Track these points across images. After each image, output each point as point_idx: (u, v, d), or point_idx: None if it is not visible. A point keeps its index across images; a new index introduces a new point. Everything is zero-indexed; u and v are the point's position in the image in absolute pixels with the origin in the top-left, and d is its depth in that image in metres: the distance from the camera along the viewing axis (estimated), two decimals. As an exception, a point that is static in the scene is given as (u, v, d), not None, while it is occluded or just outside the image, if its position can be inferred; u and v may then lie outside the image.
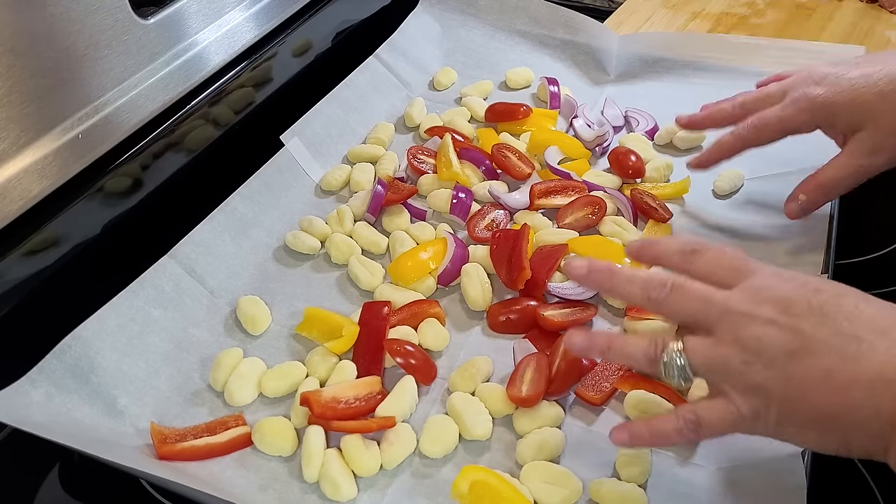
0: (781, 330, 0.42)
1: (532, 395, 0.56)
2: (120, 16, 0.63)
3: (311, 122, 0.80)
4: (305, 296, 0.67)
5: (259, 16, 0.79)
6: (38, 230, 0.61)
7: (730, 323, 0.44)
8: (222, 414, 0.58)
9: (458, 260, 0.67)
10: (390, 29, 0.93)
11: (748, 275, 0.45)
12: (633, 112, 0.86)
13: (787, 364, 0.42)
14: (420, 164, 0.79)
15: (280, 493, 0.53)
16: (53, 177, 0.61)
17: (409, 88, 0.91)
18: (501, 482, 0.51)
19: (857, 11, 1.04)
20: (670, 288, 0.47)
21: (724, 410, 0.44)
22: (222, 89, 0.76)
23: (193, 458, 0.54)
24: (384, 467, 0.54)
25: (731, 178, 0.75)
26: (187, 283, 0.65)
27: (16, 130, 0.58)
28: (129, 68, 0.66)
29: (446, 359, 0.62)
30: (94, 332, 0.58)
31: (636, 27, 1.03)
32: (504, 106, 0.85)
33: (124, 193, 0.68)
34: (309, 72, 0.88)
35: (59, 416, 0.54)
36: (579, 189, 0.75)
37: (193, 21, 0.71)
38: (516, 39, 0.96)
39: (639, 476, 0.52)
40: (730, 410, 0.44)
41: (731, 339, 0.43)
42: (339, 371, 0.59)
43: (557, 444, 0.54)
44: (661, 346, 0.46)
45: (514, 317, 0.64)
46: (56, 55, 0.59)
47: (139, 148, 0.68)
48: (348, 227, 0.72)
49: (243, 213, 0.71)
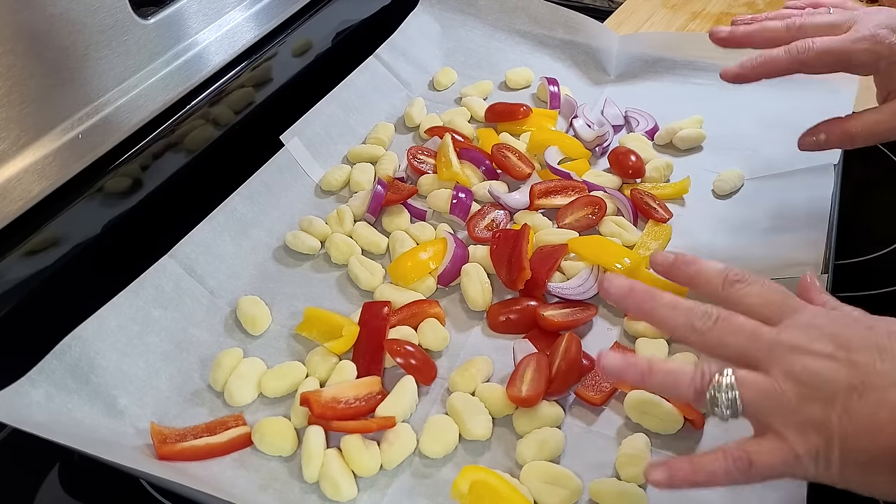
0: (840, 364, 0.39)
1: (532, 395, 0.56)
2: (120, 16, 0.63)
3: (311, 122, 0.80)
4: (305, 296, 0.67)
5: (259, 16, 0.79)
6: (38, 230, 0.61)
7: (781, 357, 0.40)
8: (222, 414, 0.58)
9: (458, 260, 0.67)
10: (390, 29, 0.93)
11: (794, 310, 0.43)
12: (633, 112, 0.86)
13: (849, 399, 0.38)
14: (420, 164, 0.79)
15: (280, 493, 0.53)
16: (53, 177, 0.61)
17: (409, 88, 0.91)
18: (501, 482, 0.51)
19: (857, 11, 1.03)
20: (716, 319, 0.43)
21: (779, 450, 0.40)
22: (222, 89, 0.76)
23: (193, 459, 0.54)
24: (384, 467, 0.54)
25: (731, 178, 0.75)
26: (187, 283, 0.65)
27: (16, 130, 0.58)
28: (129, 68, 0.66)
29: (446, 359, 0.62)
30: (94, 333, 0.58)
31: (636, 27, 1.03)
32: (504, 106, 0.85)
33: (124, 193, 0.68)
34: (309, 72, 0.88)
35: (59, 416, 0.54)
36: (579, 189, 0.75)
37: (193, 21, 0.71)
38: (516, 39, 0.96)
39: (639, 476, 0.52)
40: (784, 450, 0.40)
41: (785, 374, 0.40)
42: (339, 371, 0.59)
43: (557, 444, 0.54)
44: (709, 377, 0.42)
45: (514, 317, 0.64)
46: (56, 55, 0.59)
47: (139, 148, 0.68)
48: (348, 227, 0.72)
49: (243, 213, 0.71)
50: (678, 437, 0.55)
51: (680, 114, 0.84)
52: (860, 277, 0.70)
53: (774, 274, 0.62)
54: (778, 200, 0.72)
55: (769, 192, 0.74)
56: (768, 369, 0.41)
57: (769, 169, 0.76)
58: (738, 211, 0.73)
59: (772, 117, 0.82)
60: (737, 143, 0.80)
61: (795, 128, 0.80)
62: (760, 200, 0.74)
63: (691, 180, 0.76)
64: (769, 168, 0.76)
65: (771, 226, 0.70)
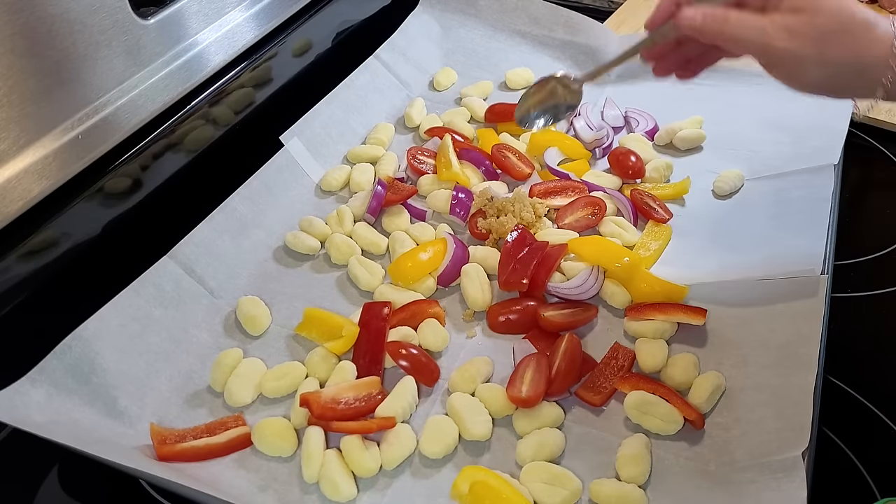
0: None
1: (532, 396, 0.56)
2: (120, 16, 0.63)
3: (311, 122, 0.80)
4: (305, 296, 0.67)
5: (259, 16, 0.79)
6: (38, 230, 0.61)
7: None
8: (222, 414, 0.58)
9: (458, 260, 0.67)
10: (390, 29, 0.93)
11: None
12: (633, 112, 0.86)
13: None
14: (420, 164, 0.79)
15: (280, 494, 0.53)
16: (53, 177, 0.61)
17: (409, 89, 0.91)
18: (501, 482, 0.51)
19: (857, 12, 1.03)
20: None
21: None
22: (222, 89, 0.76)
23: (193, 459, 0.54)
24: (384, 468, 0.54)
25: (731, 178, 0.75)
26: (187, 284, 0.65)
27: (16, 130, 0.58)
28: (129, 68, 0.66)
29: (446, 359, 0.62)
30: (95, 333, 0.58)
31: (636, 27, 1.03)
32: (504, 106, 0.85)
33: (124, 193, 0.68)
34: (309, 72, 0.88)
35: (59, 416, 0.54)
36: (579, 189, 0.75)
37: (193, 21, 0.71)
38: (516, 40, 0.96)
39: (639, 476, 0.52)
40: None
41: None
42: (338, 371, 0.59)
43: (557, 444, 0.54)
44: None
45: (514, 317, 0.64)
46: (56, 55, 0.59)
47: (139, 148, 0.68)
48: (348, 227, 0.72)
49: (243, 213, 0.71)
50: (678, 437, 0.55)
51: (680, 114, 0.84)
52: (860, 277, 0.70)
53: (774, 274, 0.62)
54: (778, 201, 0.72)
55: (769, 192, 0.74)
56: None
57: (769, 169, 0.76)
58: (738, 211, 0.73)
59: (772, 117, 0.82)
60: (737, 143, 0.80)
61: (795, 128, 0.81)
62: (760, 200, 0.73)
63: (691, 180, 0.76)
64: (769, 168, 0.76)
65: (771, 226, 0.70)
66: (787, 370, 0.56)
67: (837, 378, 0.62)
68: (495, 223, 0.70)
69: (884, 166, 0.83)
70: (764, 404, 0.55)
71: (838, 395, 0.61)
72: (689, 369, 0.58)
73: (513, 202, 0.71)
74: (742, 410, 0.55)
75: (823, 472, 0.54)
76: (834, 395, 0.61)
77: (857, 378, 0.62)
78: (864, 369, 0.63)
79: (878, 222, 0.77)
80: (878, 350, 0.64)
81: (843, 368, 0.62)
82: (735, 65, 0.87)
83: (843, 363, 0.62)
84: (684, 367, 0.58)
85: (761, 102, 0.84)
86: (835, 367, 0.61)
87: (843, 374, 0.62)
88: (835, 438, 0.58)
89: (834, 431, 0.58)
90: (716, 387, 0.56)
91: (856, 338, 0.65)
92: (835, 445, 0.58)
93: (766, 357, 0.58)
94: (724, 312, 0.63)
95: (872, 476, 0.56)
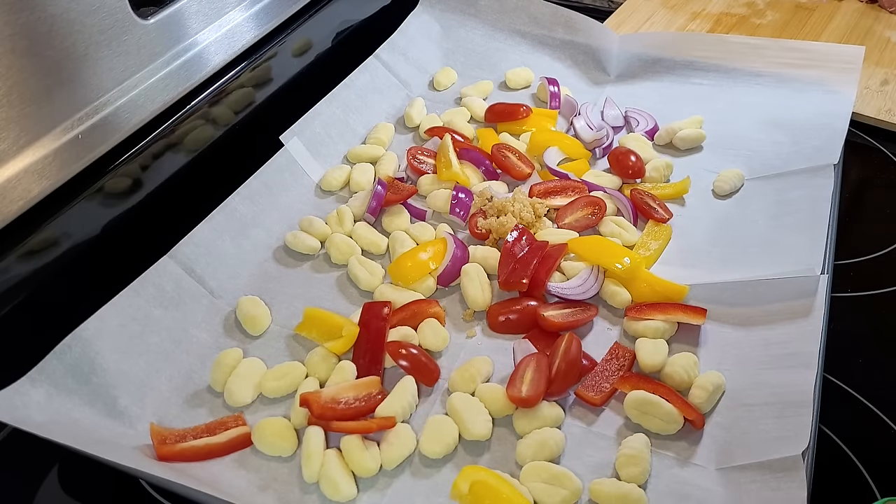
0: None
1: (532, 396, 0.56)
2: (120, 16, 0.63)
3: (311, 122, 0.80)
4: (305, 296, 0.67)
5: (259, 16, 0.79)
6: (38, 230, 0.61)
7: None
8: (222, 414, 0.58)
9: (458, 260, 0.67)
10: (390, 29, 0.93)
11: None
12: (633, 112, 0.86)
13: None
14: (420, 164, 0.79)
15: (280, 494, 0.53)
16: (53, 177, 0.61)
17: (408, 88, 0.91)
18: (501, 482, 0.51)
19: (857, 11, 1.04)
20: None
21: None
22: (222, 89, 0.76)
23: (193, 459, 0.54)
24: (384, 467, 0.54)
25: (731, 178, 0.75)
26: (187, 284, 0.65)
27: (16, 130, 0.58)
28: (129, 68, 0.66)
29: (446, 359, 0.62)
30: (95, 332, 0.58)
31: (636, 27, 1.03)
32: (504, 106, 0.85)
33: (124, 193, 0.68)
34: (309, 72, 0.88)
35: (59, 416, 0.54)
36: (579, 189, 0.75)
37: (193, 21, 0.71)
38: (516, 39, 0.96)
39: (639, 476, 0.52)
40: None
41: None
42: (338, 371, 0.59)
43: (557, 444, 0.54)
44: None
45: (514, 317, 0.64)
46: (56, 55, 0.59)
47: (139, 148, 0.68)
48: (348, 227, 0.72)
49: (243, 213, 0.71)
50: (678, 437, 0.55)
51: (680, 114, 0.84)
52: (860, 277, 0.70)
53: (774, 274, 0.62)
54: (778, 200, 0.72)
55: (769, 192, 0.74)
56: None
57: (769, 169, 0.76)
58: (738, 211, 0.73)
59: (772, 117, 0.82)
60: (737, 143, 0.80)
61: (795, 128, 0.81)
62: (760, 200, 0.74)
63: (691, 180, 0.76)
64: (769, 168, 0.76)
65: (771, 226, 0.70)
66: (787, 370, 0.56)
67: (837, 378, 0.62)
68: (495, 223, 0.70)
69: (884, 166, 0.83)
70: (764, 404, 0.55)
71: (838, 395, 0.61)
72: (689, 369, 0.58)
73: (513, 202, 0.71)
74: (742, 410, 0.56)
75: (823, 472, 0.54)
76: (834, 395, 0.61)
77: (857, 378, 0.62)
78: (864, 369, 0.63)
79: (878, 222, 0.77)
80: (879, 350, 0.64)
81: (843, 368, 0.62)
82: (735, 65, 0.88)
83: (843, 363, 0.62)
84: (684, 367, 0.58)
85: (761, 102, 0.84)
86: (835, 367, 0.61)
87: (843, 374, 0.62)
88: (835, 438, 0.58)
89: (834, 431, 0.58)
90: (716, 387, 0.56)
91: (856, 338, 0.65)
92: (835, 445, 0.58)
93: (766, 357, 0.58)
94: (724, 312, 0.63)
95: (872, 476, 0.56)
